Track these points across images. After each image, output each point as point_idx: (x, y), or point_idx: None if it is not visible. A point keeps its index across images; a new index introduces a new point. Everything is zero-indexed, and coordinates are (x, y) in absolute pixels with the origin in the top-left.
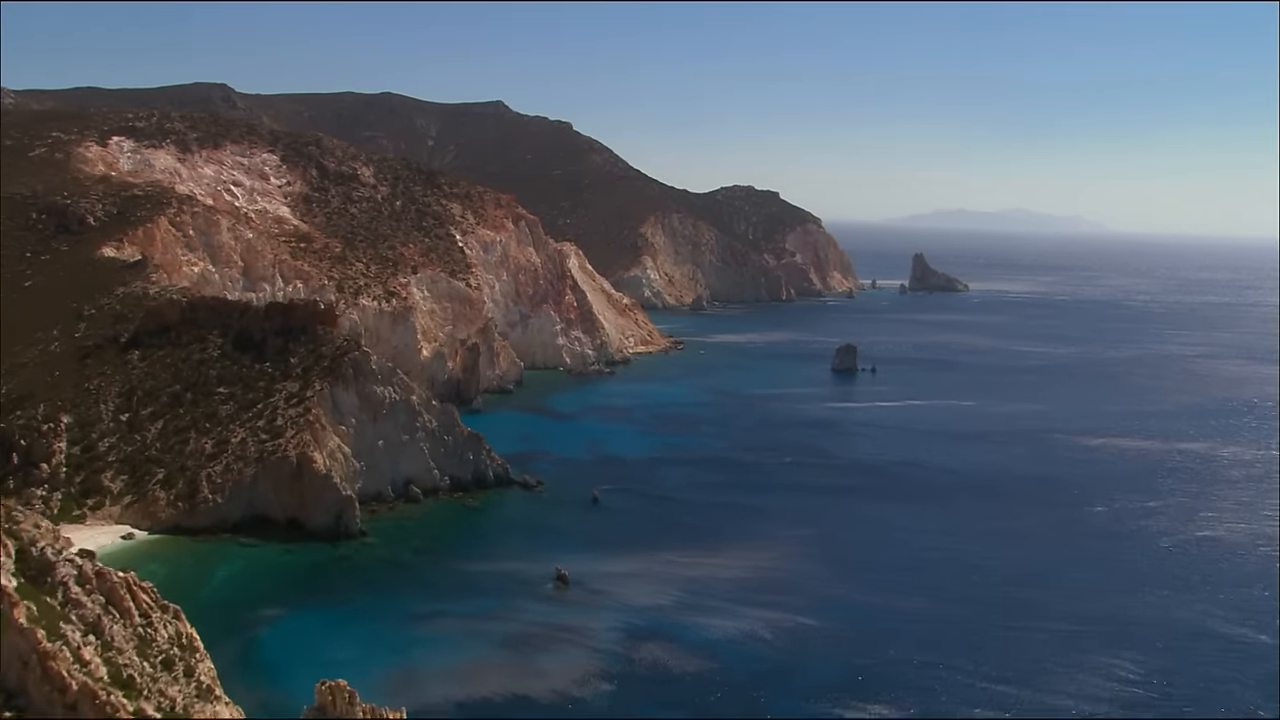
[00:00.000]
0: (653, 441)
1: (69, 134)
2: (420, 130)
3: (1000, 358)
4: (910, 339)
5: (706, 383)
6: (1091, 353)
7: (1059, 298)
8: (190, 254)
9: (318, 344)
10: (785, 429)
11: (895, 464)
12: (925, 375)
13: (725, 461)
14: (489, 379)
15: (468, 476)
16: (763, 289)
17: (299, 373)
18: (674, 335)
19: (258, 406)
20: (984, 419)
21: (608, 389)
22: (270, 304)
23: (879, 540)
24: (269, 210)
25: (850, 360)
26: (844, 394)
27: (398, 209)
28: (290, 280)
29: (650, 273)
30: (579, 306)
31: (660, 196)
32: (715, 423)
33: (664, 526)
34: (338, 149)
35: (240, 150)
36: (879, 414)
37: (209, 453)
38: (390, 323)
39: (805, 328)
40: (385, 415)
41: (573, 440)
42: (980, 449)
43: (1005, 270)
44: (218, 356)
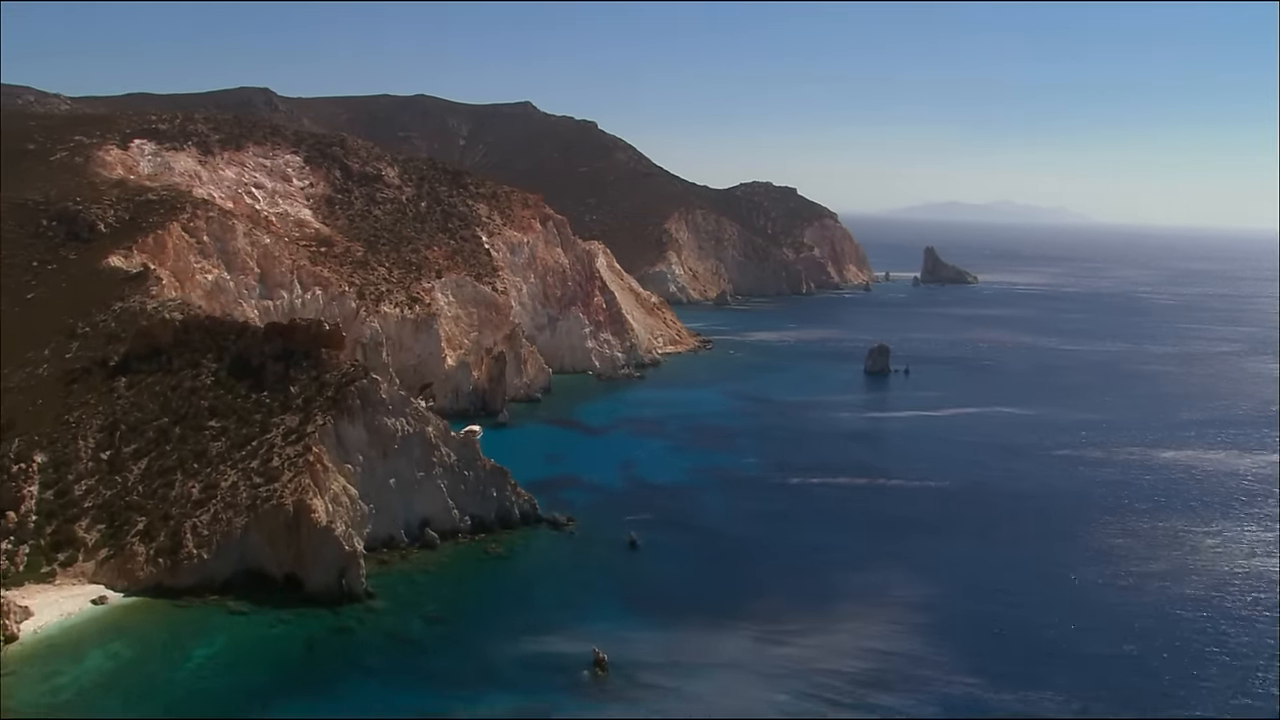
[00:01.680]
0: (689, 461)
1: (92, 137)
2: (452, 130)
3: (1036, 356)
4: (937, 335)
5: (738, 388)
6: (1131, 350)
7: (1069, 290)
8: (204, 261)
9: (321, 370)
10: (828, 443)
11: (969, 489)
12: (963, 377)
13: (771, 486)
14: (516, 388)
15: (491, 516)
16: (784, 282)
17: (299, 404)
18: (702, 334)
19: (252, 444)
20: (1048, 431)
21: (638, 396)
22: (269, 325)
23: (1007, 598)
24: (290, 213)
25: (883, 361)
26: (882, 400)
27: (422, 210)
28: (309, 287)
29: (675, 268)
30: (608, 308)
31: (683, 193)
32: (752, 436)
33: (718, 579)
34: (362, 149)
35: (263, 152)
36: (926, 425)
37: (195, 498)
38: (413, 330)
39: (832, 323)
40: (397, 450)
41: (604, 460)
42: (1065, 470)
43: (1010, 261)
44: (211, 384)
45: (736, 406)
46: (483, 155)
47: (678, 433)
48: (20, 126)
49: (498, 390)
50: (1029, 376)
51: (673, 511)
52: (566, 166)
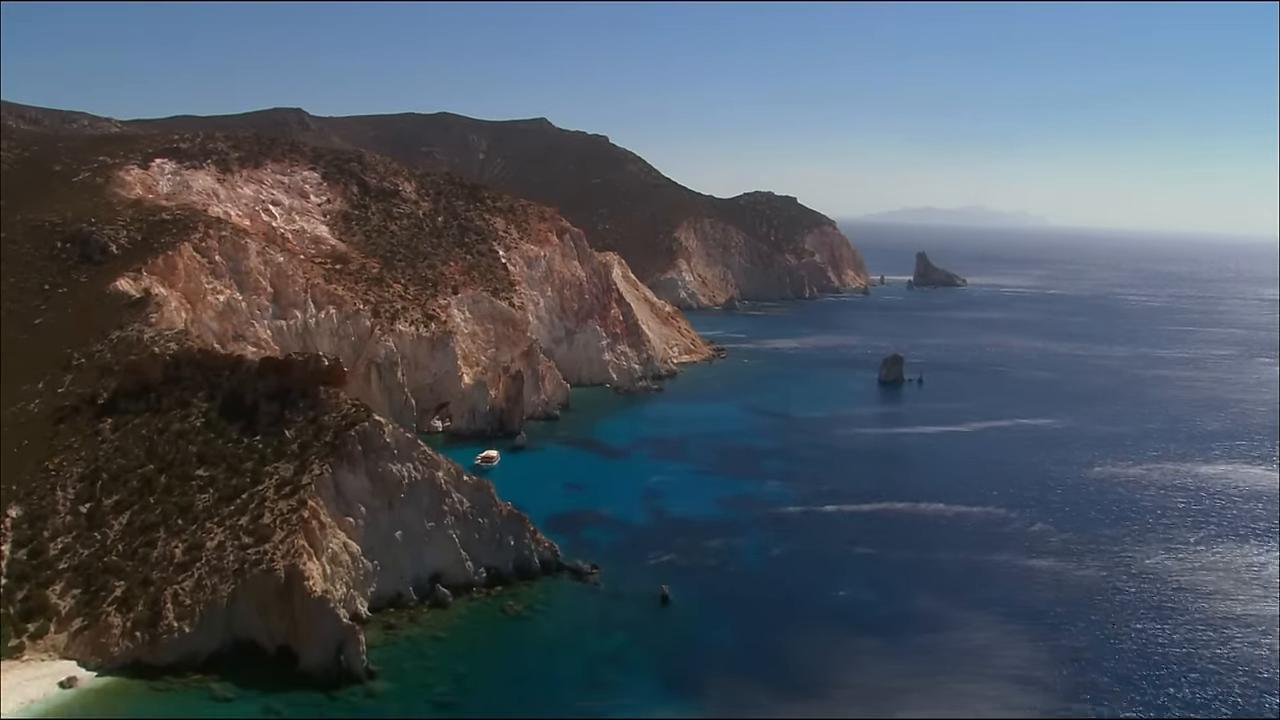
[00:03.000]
0: (715, 488)
1: (115, 158)
2: (472, 146)
3: (1045, 361)
4: (943, 340)
5: (756, 401)
6: (1134, 354)
7: (1056, 292)
8: (216, 281)
9: (319, 411)
10: (857, 465)
11: (1020, 518)
12: (977, 386)
13: (807, 520)
14: (534, 405)
15: (508, 566)
16: (787, 287)
17: (295, 450)
18: (715, 342)
19: (242, 497)
20: (1077, 446)
21: (657, 411)
22: (264, 360)
23: (1131, 667)
24: (307, 230)
25: (897, 371)
26: (903, 414)
27: (439, 225)
28: (323, 306)
29: (685, 275)
30: (624, 319)
31: (691, 202)
32: (778, 458)
33: (766, 645)
34: (379, 164)
35: (281, 169)
36: (954, 443)
37: (179, 560)
38: (429, 349)
39: (839, 328)
40: (404, 499)
41: (626, 489)
42: (1108, 493)
43: (992, 264)
44: (201, 427)
45: (757, 423)
46: (501, 169)
47: (700, 455)
48: (49, 149)
49: (515, 409)
50: (1043, 384)
51: (704, 554)
52: (580, 179)
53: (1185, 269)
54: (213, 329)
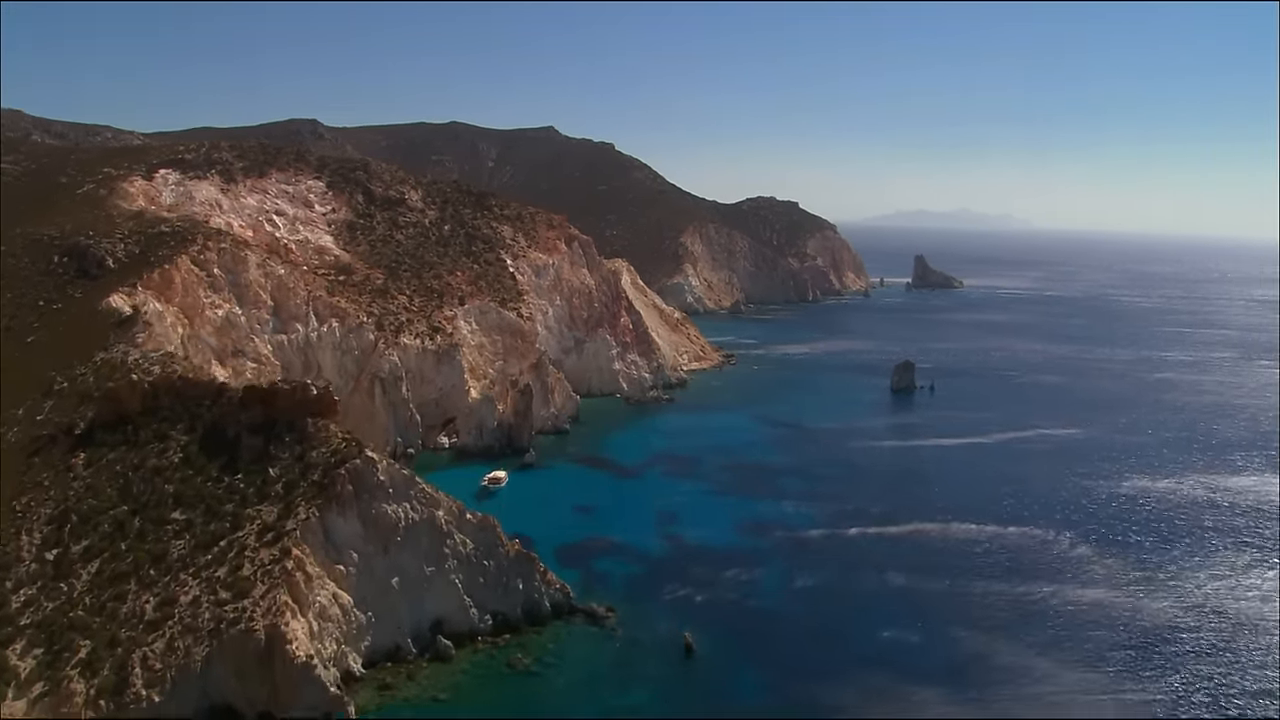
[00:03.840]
0: (733, 512)
1: (119, 169)
2: (482, 154)
3: (1053, 365)
4: (950, 344)
5: (768, 411)
6: (1140, 357)
7: (1052, 294)
8: (214, 295)
9: (307, 446)
10: (879, 483)
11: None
12: (991, 393)
13: (834, 548)
14: (543, 419)
15: (516, 612)
16: (791, 291)
17: (279, 491)
18: (724, 348)
19: (220, 544)
20: (1104, 458)
21: (669, 424)
22: (247, 390)
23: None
24: (310, 240)
25: (908, 378)
26: (919, 425)
27: (445, 234)
28: (325, 319)
29: (691, 279)
30: (634, 328)
31: (696, 208)
32: (795, 475)
33: (811, 704)
34: (385, 173)
35: (286, 178)
36: (977, 455)
37: (149, 618)
38: (434, 362)
39: (845, 332)
40: (401, 543)
41: (640, 513)
42: (1144, 508)
43: (987, 266)
44: (179, 463)
45: (770, 435)
46: (510, 176)
47: (715, 473)
48: (58, 161)
49: (524, 425)
50: (1054, 390)
51: (726, 588)
52: (587, 186)
53: (1171, 270)
54: (211, 344)
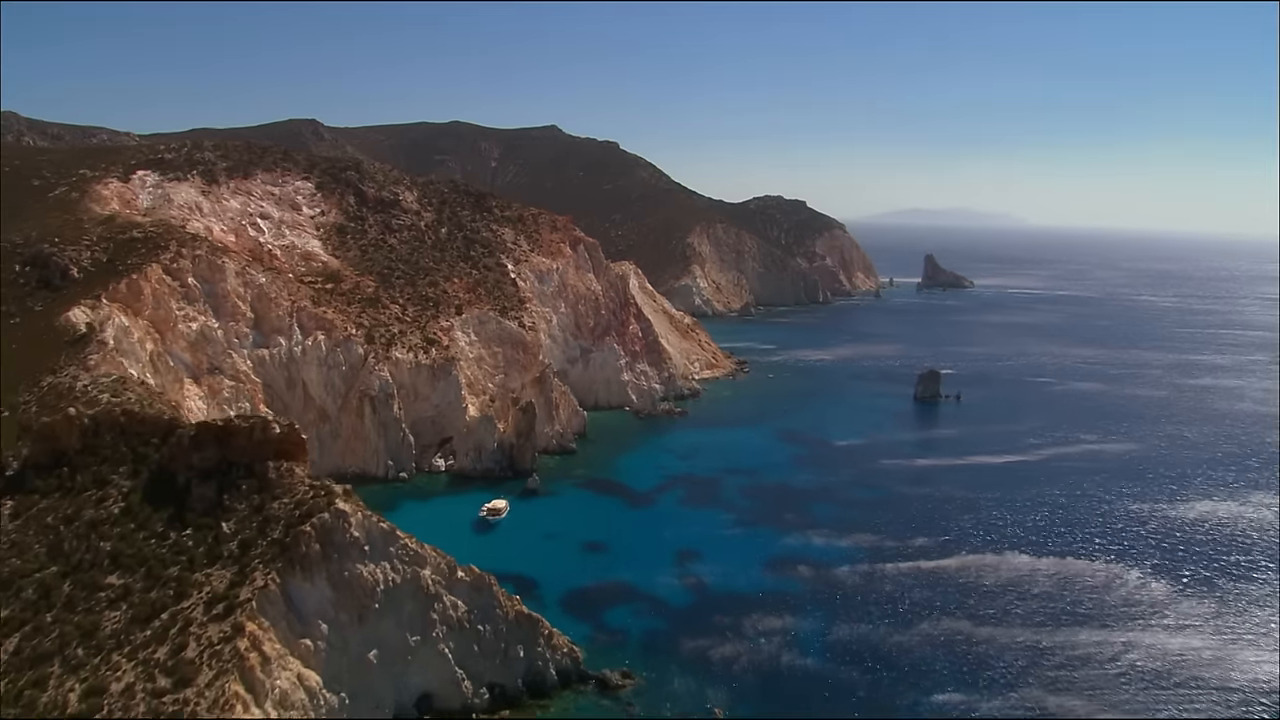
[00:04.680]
0: (758, 547)
1: (95, 170)
2: (484, 153)
3: (1086, 371)
4: (972, 348)
5: (788, 425)
6: (1176, 360)
7: (1067, 293)
8: (188, 307)
9: (268, 496)
10: (917, 509)
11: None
12: (1024, 403)
13: (875, 589)
14: (547, 437)
15: (517, 683)
16: (801, 291)
17: (233, 550)
18: (736, 354)
19: (162, 617)
20: (1164, 477)
21: (683, 441)
22: (200, 427)
23: None
24: (297, 245)
25: (934, 387)
26: (952, 439)
27: (442, 237)
28: (310, 331)
29: (699, 281)
30: (644, 336)
31: (702, 207)
32: (823, 500)
33: None
34: (379, 173)
35: (272, 179)
36: (1024, 475)
37: (73, 712)
38: (429, 377)
39: (860, 336)
40: (380, 610)
41: (656, 551)
42: (1227, 537)
43: (995, 265)
44: (119, 514)
45: (793, 454)
46: (513, 176)
47: (737, 499)
48: (31, 162)
49: (526, 446)
50: (1091, 399)
51: (758, 645)
52: (592, 185)
53: (1178, 268)
54: (184, 361)
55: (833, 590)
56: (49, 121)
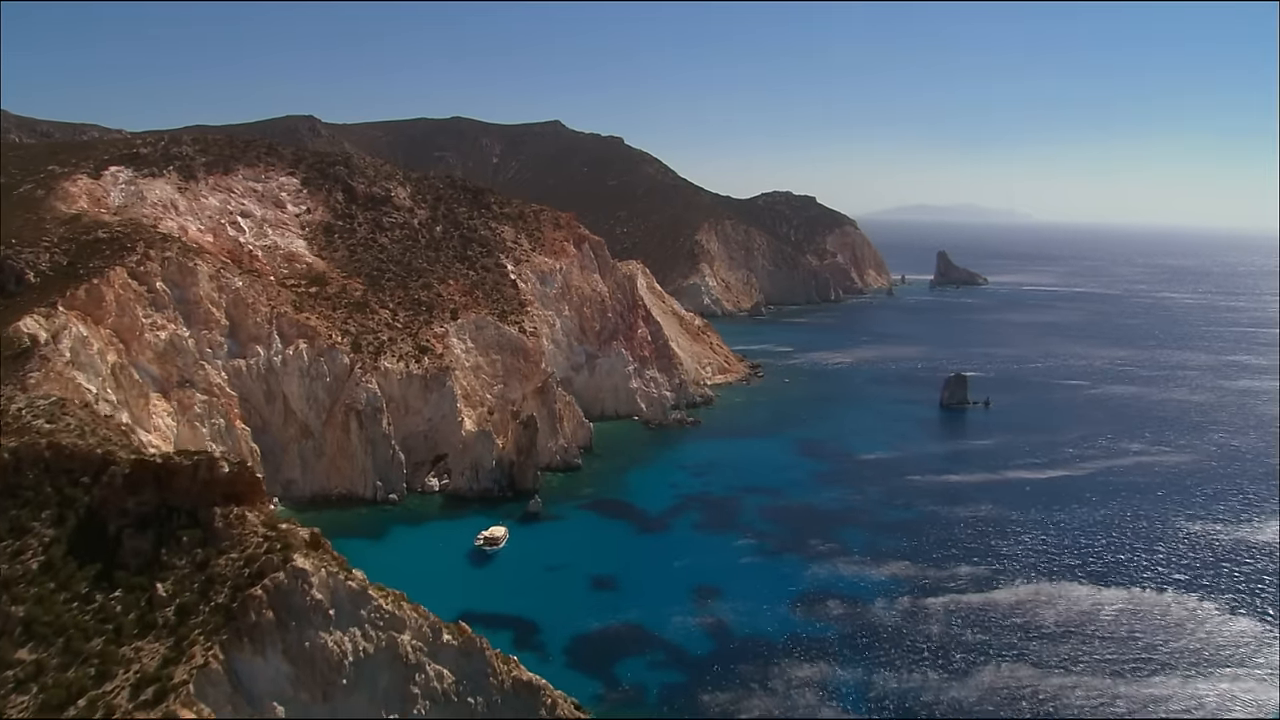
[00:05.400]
0: (784, 580)
1: (65, 166)
2: (485, 149)
3: (1120, 373)
4: (996, 349)
5: (809, 436)
6: (1213, 361)
7: (1085, 290)
8: (156, 314)
9: (214, 550)
10: (958, 533)
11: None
12: (1059, 409)
13: (925, 632)
14: (551, 452)
15: None
16: (813, 290)
17: (170, 617)
18: (749, 357)
19: (80, 704)
20: (1227, 491)
21: (697, 455)
22: (136, 465)
23: None
24: (280, 245)
25: (961, 393)
26: (987, 450)
27: (437, 236)
28: (291, 340)
29: (708, 279)
30: (653, 340)
31: (711, 204)
32: (855, 524)
33: None
34: (369, 168)
35: (254, 174)
36: (1075, 492)
37: None
38: (421, 389)
39: (878, 337)
40: (349, 685)
41: (672, 585)
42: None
43: (1004, 261)
44: (38, 570)
45: (816, 469)
46: (515, 172)
47: (756, 521)
48: None
49: (528, 464)
50: (1131, 404)
51: (795, 703)
52: (596, 181)
53: (1193, 263)
54: (151, 374)
55: (871, 632)
56: (40, 119)
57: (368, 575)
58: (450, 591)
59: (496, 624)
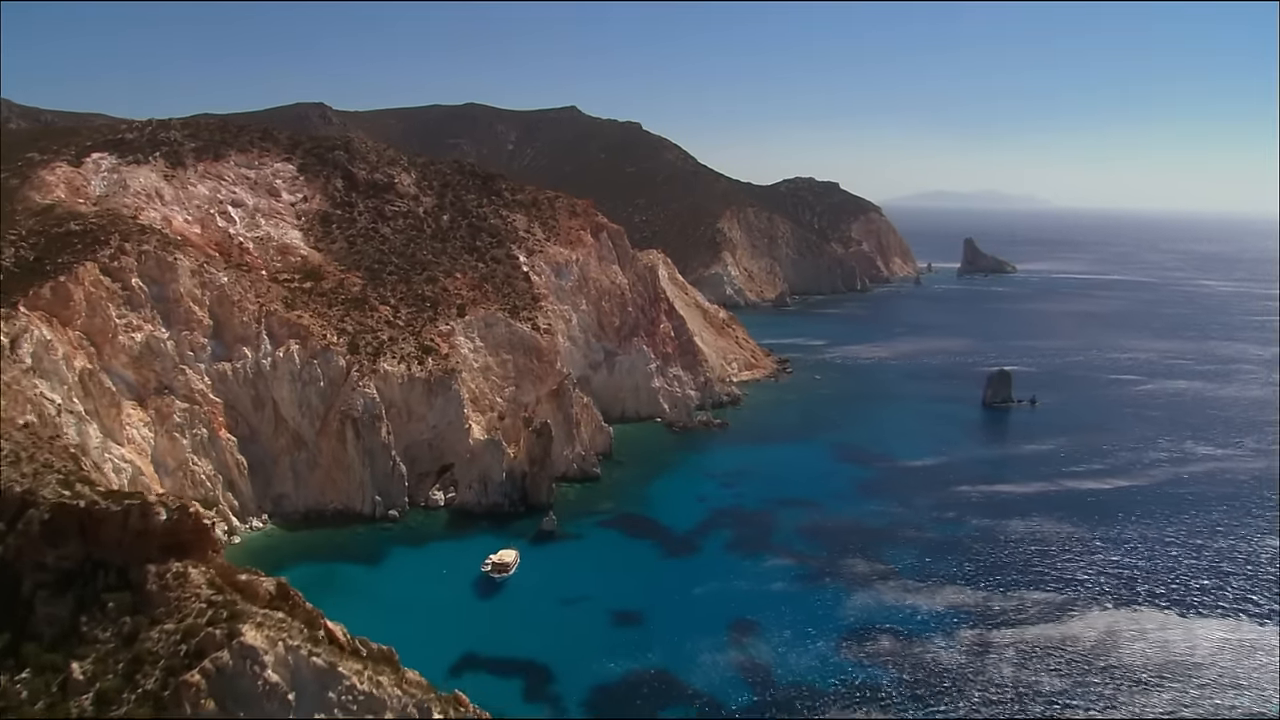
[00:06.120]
0: (831, 616)
1: (46, 153)
2: (501, 136)
3: (1172, 368)
4: (1035, 341)
5: (846, 440)
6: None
7: (1119, 278)
8: (130, 314)
9: (147, 618)
10: (1014, 553)
11: None
12: (1113, 408)
13: (999, 676)
14: (567, 460)
15: None
16: (838, 279)
17: (88, 710)
18: (775, 352)
19: None
20: None
21: (726, 463)
22: (58, 509)
23: None
24: (273, 236)
25: (1004, 390)
26: (1039, 456)
27: (444, 225)
28: (282, 340)
29: (730, 269)
30: (676, 335)
31: (732, 190)
32: (903, 543)
33: None
34: (371, 153)
35: (247, 161)
36: (1138, 503)
37: None
38: (425, 393)
39: (909, 329)
40: None
41: (705, 622)
42: None
43: (1030, 248)
44: None
45: (855, 478)
46: (531, 159)
47: (794, 540)
48: None
49: (542, 475)
50: (1196, 403)
51: None
52: (613, 168)
53: (1223, 249)
54: (126, 380)
55: (932, 676)
56: (44, 109)
57: (359, 611)
58: (452, 630)
59: (504, 670)
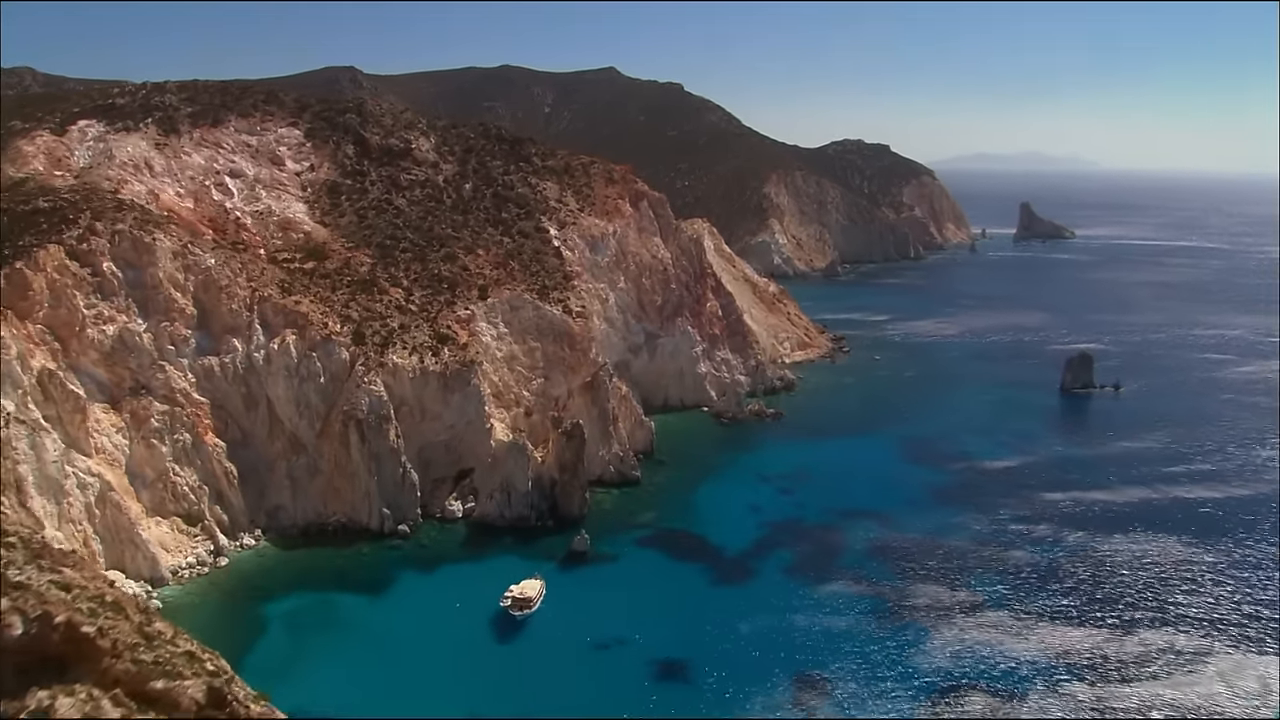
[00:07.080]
0: (917, 664)
1: (29, 121)
2: (537, 99)
3: (1270, 346)
4: (1108, 316)
5: (913, 433)
6: None
7: (1186, 244)
8: (101, 303)
9: None
10: (1129, 584)
11: None
12: (1206, 395)
13: None
14: (602, 462)
15: None
16: (891, 246)
17: None
18: (830, 328)
19: None
20: None
21: (781, 461)
22: None
23: None
24: (274, 210)
25: (1085, 375)
26: (1131, 457)
27: (466, 195)
28: (277, 330)
29: (779, 237)
30: (724, 314)
31: (779, 153)
32: (989, 568)
33: None
34: (386, 115)
35: (249, 126)
36: (1270, 517)
37: None
38: (440, 388)
39: (970, 302)
40: None
41: (761, 677)
42: None
43: (1083, 212)
44: None
45: (930, 483)
46: (568, 123)
47: (864, 564)
48: None
49: (573, 483)
50: None
51: None
52: (653, 131)
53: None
54: (96, 379)
55: None
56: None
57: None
58: (461, 684)
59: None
